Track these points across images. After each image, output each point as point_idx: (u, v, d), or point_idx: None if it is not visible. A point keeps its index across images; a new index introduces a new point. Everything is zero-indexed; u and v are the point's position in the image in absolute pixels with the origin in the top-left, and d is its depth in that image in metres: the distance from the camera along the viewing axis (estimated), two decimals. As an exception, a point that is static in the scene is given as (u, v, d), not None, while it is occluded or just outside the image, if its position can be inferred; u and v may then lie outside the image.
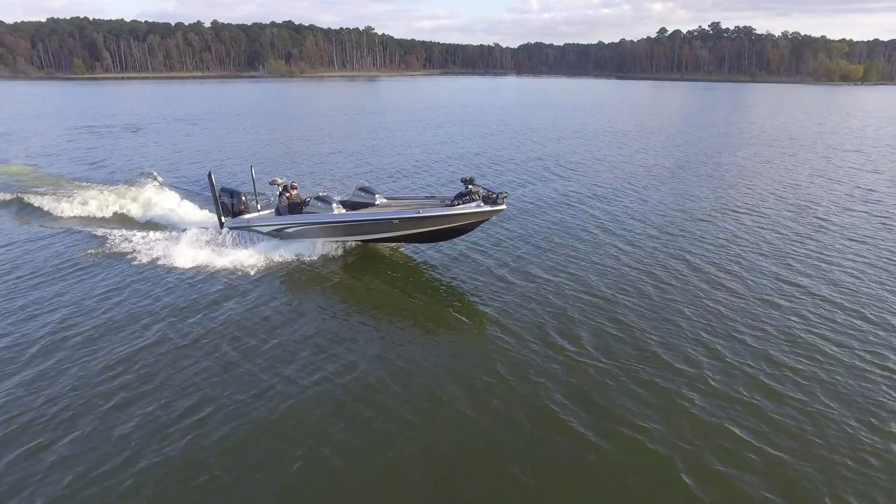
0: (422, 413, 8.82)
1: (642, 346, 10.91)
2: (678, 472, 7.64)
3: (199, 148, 36.29)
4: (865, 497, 7.30)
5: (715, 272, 14.83)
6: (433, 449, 8.04)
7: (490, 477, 7.54)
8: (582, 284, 13.93)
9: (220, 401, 9.02)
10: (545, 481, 7.50)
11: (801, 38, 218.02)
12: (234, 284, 13.81)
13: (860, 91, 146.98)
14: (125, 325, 11.59)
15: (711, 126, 53.77)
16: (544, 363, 10.32)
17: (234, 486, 7.28)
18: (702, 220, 19.79)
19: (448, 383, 9.62)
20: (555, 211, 20.98)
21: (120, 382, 9.52)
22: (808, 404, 9.22)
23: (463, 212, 13.66)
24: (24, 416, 8.58)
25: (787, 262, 15.65)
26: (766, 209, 21.59)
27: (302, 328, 11.61)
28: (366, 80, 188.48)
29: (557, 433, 8.41)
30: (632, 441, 8.23)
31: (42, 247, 16.51)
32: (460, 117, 59.41)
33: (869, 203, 22.83)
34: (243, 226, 16.68)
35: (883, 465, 7.86)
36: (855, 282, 14.34)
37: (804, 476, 7.62)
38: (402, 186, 24.86)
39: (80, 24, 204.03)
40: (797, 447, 8.17)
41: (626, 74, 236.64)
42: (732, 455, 7.98)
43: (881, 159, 34.33)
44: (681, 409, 9.01)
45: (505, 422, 8.66)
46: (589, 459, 7.88)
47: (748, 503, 7.18)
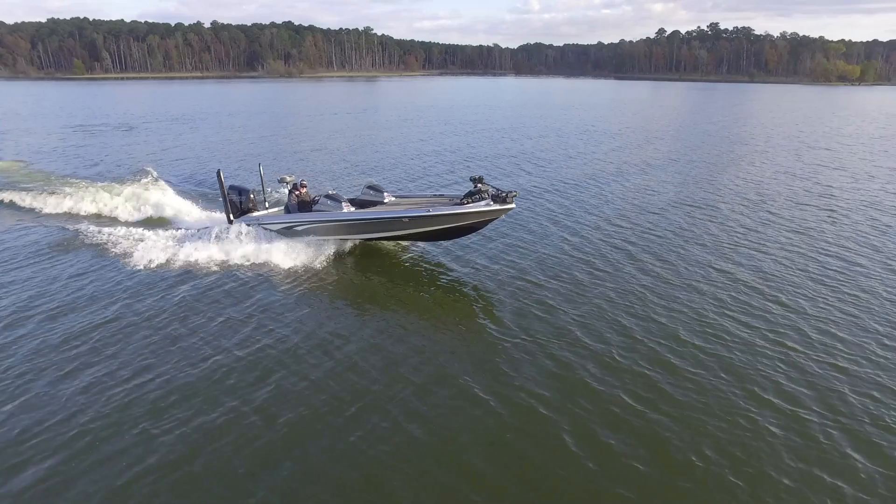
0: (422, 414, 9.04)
1: (560, 326, 11.81)
2: (562, 434, 8.52)
3: (189, 145, 37.22)
4: (728, 455, 8.16)
5: (651, 261, 15.70)
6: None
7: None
8: (519, 271, 14.84)
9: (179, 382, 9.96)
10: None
11: (800, 38, 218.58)
12: (239, 280, 14.17)
13: (855, 91, 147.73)
14: (87, 305, 12.52)
15: (693, 125, 54.70)
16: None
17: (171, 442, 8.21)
18: (653, 214, 20.66)
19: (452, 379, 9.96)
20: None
21: (75, 353, 10.47)
22: (702, 377, 10.09)
23: (472, 210, 13.77)
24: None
25: (723, 253, 16.52)
26: (721, 204, 22.46)
27: (306, 324, 11.92)
28: (364, 80, 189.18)
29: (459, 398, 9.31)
30: (527, 407, 9.15)
31: (18, 237, 17.43)
32: (445, 116, 60.31)
33: (823, 198, 23.67)
34: (252, 223, 16.67)
35: (752, 427, 8.74)
36: (782, 270, 15.21)
37: (677, 437, 8.48)
38: (386, 181, 25.68)
39: (80, 24, 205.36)
40: (676, 413, 9.04)
41: (624, 75, 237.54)
42: (616, 420, 8.85)
43: (849, 157, 35.18)
44: (579, 379, 9.91)
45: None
46: (486, 423, 8.77)
47: (622, 461, 8.00)
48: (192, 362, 10.29)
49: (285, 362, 10.36)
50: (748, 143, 41.94)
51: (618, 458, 8.05)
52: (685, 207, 21.78)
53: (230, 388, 9.50)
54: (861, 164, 32.44)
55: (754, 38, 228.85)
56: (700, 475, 7.76)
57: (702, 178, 27.79)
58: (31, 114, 61.23)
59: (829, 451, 8.26)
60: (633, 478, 7.70)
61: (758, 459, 8.05)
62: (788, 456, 8.13)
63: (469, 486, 7.52)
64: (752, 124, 56.09)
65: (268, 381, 9.74)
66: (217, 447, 8.09)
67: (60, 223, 18.86)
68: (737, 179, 27.60)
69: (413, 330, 11.81)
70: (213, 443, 8.17)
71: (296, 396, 9.32)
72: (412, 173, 28.07)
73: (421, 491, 7.45)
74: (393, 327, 11.85)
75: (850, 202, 22.98)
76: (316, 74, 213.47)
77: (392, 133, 45.19)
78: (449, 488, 7.49)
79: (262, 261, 15.21)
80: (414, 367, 10.26)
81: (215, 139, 40.66)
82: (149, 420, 8.61)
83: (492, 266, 15.19)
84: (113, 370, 9.92)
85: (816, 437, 8.56)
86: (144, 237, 16.74)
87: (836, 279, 14.62)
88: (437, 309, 13.04)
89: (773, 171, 30.08)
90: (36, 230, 18.14)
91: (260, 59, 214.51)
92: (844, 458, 8.13)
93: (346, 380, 9.83)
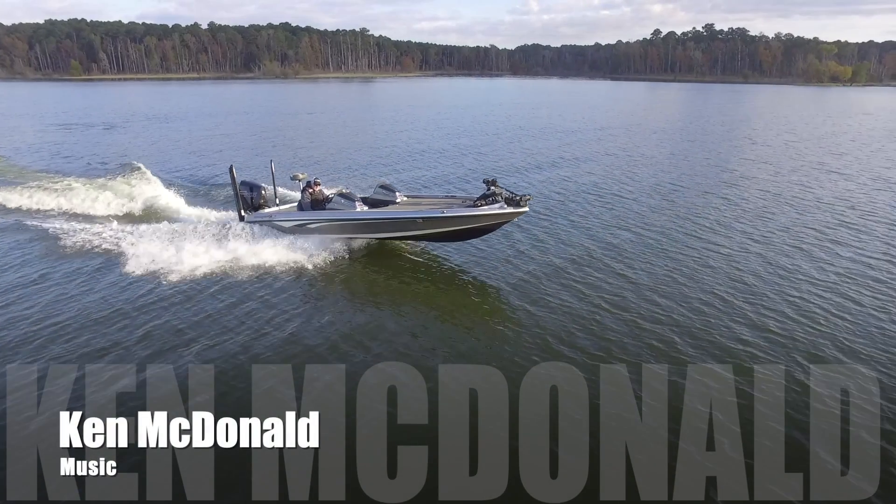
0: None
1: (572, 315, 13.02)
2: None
3: (175, 141, 38.51)
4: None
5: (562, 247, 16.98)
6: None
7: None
8: (543, 266, 16.07)
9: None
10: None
11: (794, 39, 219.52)
12: (252, 278, 14.28)
13: (846, 92, 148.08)
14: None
15: (667, 122, 55.93)
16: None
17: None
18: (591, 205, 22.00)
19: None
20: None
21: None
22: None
23: (487, 213, 13.97)
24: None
25: (637, 232, 17.84)
26: (670, 195, 23.83)
27: (319, 321, 12.08)
28: (360, 81, 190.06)
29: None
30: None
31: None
32: (421, 115, 61.61)
33: (758, 191, 24.98)
34: (264, 220, 16.63)
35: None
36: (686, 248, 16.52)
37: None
38: (391, 180, 26.97)
39: (78, 25, 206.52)
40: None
41: (620, 76, 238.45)
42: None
43: (808, 153, 36.47)
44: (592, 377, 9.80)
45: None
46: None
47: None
48: (207, 360, 10.34)
49: (300, 356, 10.44)
50: (713, 139, 43.28)
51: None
52: (627, 199, 23.07)
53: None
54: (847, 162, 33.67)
55: (749, 39, 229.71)
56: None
57: (657, 173, 29.14)
58: (15, 114, 61.91)
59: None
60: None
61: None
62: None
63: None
64: (730, 122, 57.31)
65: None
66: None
67: (27, 217, 19.22)
68: (689, 175, 28.91)
69: (427, 322, 12.09)
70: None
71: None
72: (415, 172, 29.35)
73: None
74: (413, 324, 11.99)
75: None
76: (312, 75, 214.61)
77: (388, 133, 46.49)
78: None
79: (273, 258, 15.08)
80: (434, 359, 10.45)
81: (216, 136, 41.99)
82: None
83: (513, 263, 15.44)
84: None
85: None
86: (149, 232, 16.63)
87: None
88: (456, 305, 13.10)
89: (733, 166, 31.37)
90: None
91: (257, 60, 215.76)
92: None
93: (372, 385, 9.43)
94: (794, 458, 8.02)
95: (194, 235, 16.23)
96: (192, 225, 17.22)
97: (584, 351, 10.84)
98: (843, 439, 8.45)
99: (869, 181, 26.89)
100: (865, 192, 24.55)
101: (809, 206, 21.75)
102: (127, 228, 17.36)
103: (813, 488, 7.60)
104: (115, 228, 17.34)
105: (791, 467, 7.89)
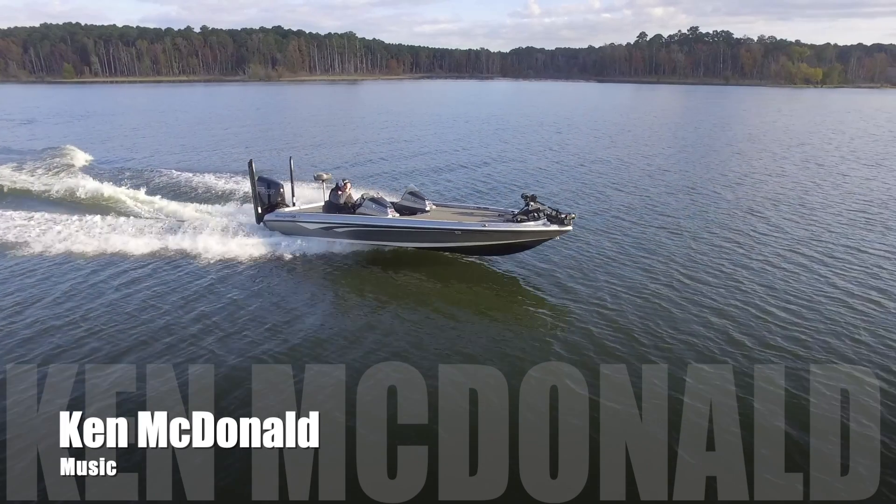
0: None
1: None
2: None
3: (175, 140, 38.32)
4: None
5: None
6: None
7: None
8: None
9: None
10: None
11: (776, 42, 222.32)
12: (247, 278, 14.24)
13: (816, 93, 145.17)
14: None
15: (627, 122, 56.81)
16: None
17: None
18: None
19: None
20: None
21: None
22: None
23: (530, 229, 13.50)
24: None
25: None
26: (660, 197, 23.96)
27: (317, 320, 12.07)
28: (345, 84, 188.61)
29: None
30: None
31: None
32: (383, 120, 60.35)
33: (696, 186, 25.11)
34: (286, 220, 15.99)
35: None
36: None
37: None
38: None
39: (73, 29, 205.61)
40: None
41: (606, 78, 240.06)
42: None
43: (759, 151, 37.27)
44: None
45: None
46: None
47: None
48: (207, 360, 10.28)
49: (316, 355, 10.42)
50: (669, 138, 43.52)
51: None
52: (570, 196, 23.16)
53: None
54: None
55: (733, 42, 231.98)
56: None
57: (607, 171, 29.23)
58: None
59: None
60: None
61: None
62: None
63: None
64: (691, 121, 57.63)
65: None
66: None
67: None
68: (642, 171, 29.07)
69: (427, 322, 12.01)
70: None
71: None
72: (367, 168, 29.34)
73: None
74: (414, 324, 11.93)
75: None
76: (297, 78, 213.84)
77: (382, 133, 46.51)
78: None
79: (274, 258, 15.07)
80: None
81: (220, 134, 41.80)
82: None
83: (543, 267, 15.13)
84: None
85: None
86: (152, 229, 16.53)
87: None
88: (456, 306, 12.98)
89: (683, 163, 31.56)
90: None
91: (247, 63, 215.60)
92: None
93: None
94: (794, 458, 8.01)
95: (196, 233, 15.95)
96: (192, 224, 16.89)
97: (584, 351, 10.78)
98: (843, 439, 8.41)
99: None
100: (823, 190, 24.60)
101: (805, 206, 21.94)
102: (127, 226, 17.16)
103: (813, 488, 7.55)
104: (115, 225, 17.06)
105: (791, 467, 7.84)
